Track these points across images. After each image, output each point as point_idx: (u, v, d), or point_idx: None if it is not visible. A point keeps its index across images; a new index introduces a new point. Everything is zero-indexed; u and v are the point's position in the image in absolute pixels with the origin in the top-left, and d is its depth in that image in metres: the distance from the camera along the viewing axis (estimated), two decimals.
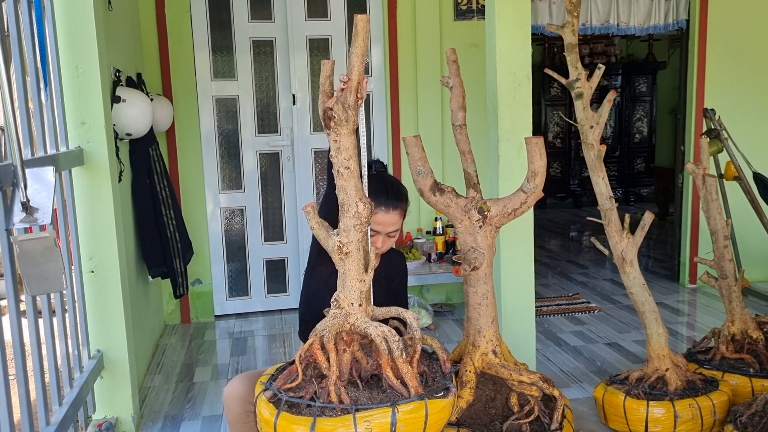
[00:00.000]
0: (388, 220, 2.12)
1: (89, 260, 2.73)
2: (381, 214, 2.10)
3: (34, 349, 2.13)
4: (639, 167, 9.37)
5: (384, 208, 2.11)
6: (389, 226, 2.13)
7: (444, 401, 1.76)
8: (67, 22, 2.61)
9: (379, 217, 2.10)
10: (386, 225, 2.12)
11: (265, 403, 1.72)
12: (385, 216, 2.11)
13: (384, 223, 2.11)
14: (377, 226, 2.11)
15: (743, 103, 4.82)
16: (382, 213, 2.10)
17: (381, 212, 2.10)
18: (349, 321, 1.77)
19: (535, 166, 2.22)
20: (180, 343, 4.13)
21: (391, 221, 2.12)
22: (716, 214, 2.86)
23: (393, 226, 2.13)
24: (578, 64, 2.63)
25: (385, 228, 2.13)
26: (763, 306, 4.41)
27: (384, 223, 2.11)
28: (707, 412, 2.49)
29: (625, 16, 4.72)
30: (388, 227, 2.13)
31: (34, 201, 1.77)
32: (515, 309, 3.02)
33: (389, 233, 2.14)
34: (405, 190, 2.25)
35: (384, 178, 2.23)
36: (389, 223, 2.12)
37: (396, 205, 2.15)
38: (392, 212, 2.13)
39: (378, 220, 2.10)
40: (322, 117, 1.69)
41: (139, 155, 3.54)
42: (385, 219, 2.11)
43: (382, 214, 2.10)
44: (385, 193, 2.13)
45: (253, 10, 4.41)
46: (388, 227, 2.13)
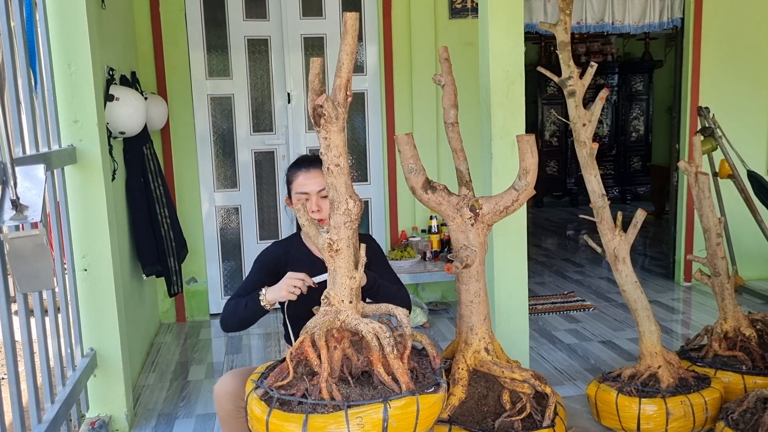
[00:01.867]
0: (310, 179, 2.18)
1: (82, 258, 2.73)
2: (301, 177, 2.19)
3: (26, 347, 2.13)
4: (635, 165, 9.38)
5: (304, 170, 2.20)
6: (313, 184, 2.17)
7: (435, 396, 1.76)
8: (60, 21, 2.61)
9: (300, 179, 2.19)
10: (309, 183, 2.17)
11: (256, 401, 1.72)
12: (306, 176, 2.18)
13: (306, 183, 2.18)
14: (302, 188, 2.18)
15: (737, 101, 4.83)
16: (303, 174, 2.19)
17: (301, 175, 2.19)
18: (339, 318, 1.78)
19: (527, 164, 2.23)
20: (175, 341, 4.13)
21: (314, 179, 2.17)
22: (709, 211, 2.87)
23: (318, 184, 2.17)
24: (571, 62, 2.63)
25: (311, 186, 2.17)
26: (757, 304, 4.41)
27: (306, 183, 2.18)
28: (699, 409, 2.50)
29: (620, 14, 4.72)
30: (313, 186, 2.17)
31: (24, 199, 1.77)
32: (509, 306, 3.02)
33: (320, 194, 2.17)
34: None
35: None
36: (313, 183, 2.17)
37: (313, 164, 2.20)
38: (312, 171, 2.19)
39: (300, 182, 2.19)
40: (311, 115, 1.69)
41: (133, 154, 3.54)
42: (307, 179, 2.18)
43: (303, 175, 2.19)
44: (300, 161, 2.25)
45: (248, 9, 4.40)
46: (313, 186, 2.17)
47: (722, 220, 2.90)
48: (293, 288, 1.97)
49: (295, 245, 2.28)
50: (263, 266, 2.23)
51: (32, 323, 2.25)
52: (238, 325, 2.13)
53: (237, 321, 2.11)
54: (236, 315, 2.09)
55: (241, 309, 2.08)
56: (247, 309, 2.06)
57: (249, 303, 2.06)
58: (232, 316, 2.11)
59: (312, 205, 2.17)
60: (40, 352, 2.31)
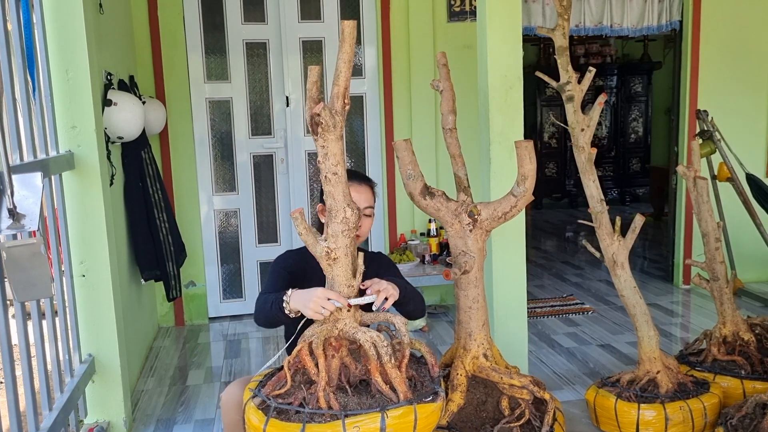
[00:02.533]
0: (360, 192, 2.16)
1: (80, 264, 2.73)
2: (352, 190, 2.08)
3: (24, 353, 2.13)
4: (635, 167, 9.38)
5: (356, 183, 2.17)
6: (362, 200, 2.15)
7: (433, 405, 1.76)
8: (57, 26, 2.60)
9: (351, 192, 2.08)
10: (358, 199, 2.12)
11: (254, 410, 1.71)
12: (357, 189, 2.16)
13: (357, 199, 2.09)
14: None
15: (736, 104, 4.83)
16: (353, 187, 2.11)
17: (352, 187, 2.08)
18: (337, 326, 1.78)
19: (525, 170, 2.23)
20: (173, 345, 4.12)
21: (363, 194, 2.17)
22: (707, 216, 2.86)
23: (366, 201, 2.16)
24: (569, 67, 2.63)
25: (359, 201, 2.10)
26: (756, 307, 4.41)
27: (357, 199, 2.09)
28: (698, 415, 2.50)
29: (619, 17, 4.72)
30: (362, 202, 2.14)
31: (21, 207, 1.76)
32: (507, 312, 3.01)
33: (364, 211, 2.15)
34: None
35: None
36: (362, 198, 2.15)
37: (365, 181, 2.21)
38: (363, 186, 2.18)
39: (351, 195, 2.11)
40: (309, 123, 1.69)
41: (131, 158, 3.53)
42: (356, 192, 2.14)
43: (353, 188, 2.11)
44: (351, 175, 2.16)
45: (247, 12, 4.40)
46: (362, 202, 2.14)
47: (721, 225, 2.90)
48: (321, 309, 1.78)
49: (310, 260, 2.08)
50: (285, 267, 2.17)
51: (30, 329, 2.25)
52: (267, 324, 2.04)
53: (264, 319, 2.03)
54: (263, 313, 2.01)
55: (267, 308, 1.98)
56: (273, 310, 1.95)
57: (274, 304, 1.95)
58: (260, 313, 2.03)
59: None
60: (38, 358, 2.30)
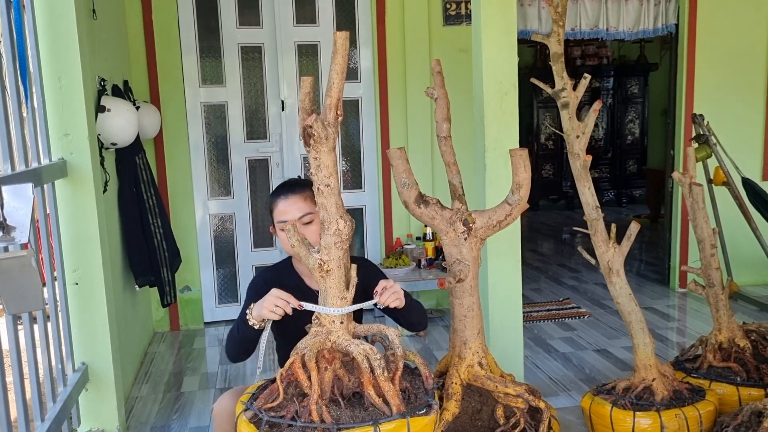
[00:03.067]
0: (289, 206, 2.08)
1: (73, 272, 2.71)
2: (281, 205, 2.09)
3: (15, 362, 2.12)
4: (631, 169, 9.39)
5: (282, 197, 2.10)
6: (294, 211, 2.07)
7: (426, 419, 1.75)
8: (50, 33, 2.59)
9: (279, 207, 2.09)
10: (290, 211, 2.07)
11: (245, 423, 1.70)
12: (286, 203, 2.08)
13: (286, 210, 2.07)
14: (283, 216, 2.08)
15: (732, 108, 4.83)
16: (282, 202, 2.09)
17: (280, 202, 2.10)
18: (330, 339, 1.76)
19: (520, 179, 2.22)
20: (168, 351, 4.11)
21: (293, 206, 2.07)
22: (703, 222, 2.86)
23: (298, 211, 2.07)
24: (564, 74, 2.62)
25: (291, 213, 2.07)
26: (753, 310, 4.41)
27: (286, 210, 2.07)
28: (694, 423, 2.49)
29: (615, 20, 4.71)
30: (294, 212, 2.07)
31: (11, 219, 1.75)
32: (503, 319, 3.01)
33: (302, 220, 2.07)
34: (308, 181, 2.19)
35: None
36: (293, 209, 2.07)
37: (292, 190, 2.11)
38: (291, 197, 2.09)
39: (280, 210, 2.09)
40: (302, 134, 1.68)
41: (125, 164, 3.52)
42: (287, 206, 2.08)
43: (282, 203, 2.09)
44: (279, 187, 2.16)
45: (242, 16, 4.39)
46: (294, 212, 2.07)
47: (716, 231, 2.89)
48: (274, 306, 1.85)
49: (285, 273, 2.19)
50: (261, 292, 2.15)
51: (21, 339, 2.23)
52: (239, 352, 2.04)
53: (236, 347, 2.03)
54: (234, 341, 2.03)
55: (235, 333, 2.02)
56: (240, 331, 1.99)
57: (239, 324, 2.00)
58: (231, 343, 2.05)
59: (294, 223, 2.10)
60: (29, 367, 2.29)
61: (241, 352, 2.05)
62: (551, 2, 2.59)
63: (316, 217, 2.06)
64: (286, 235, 2.01)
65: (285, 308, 1.85)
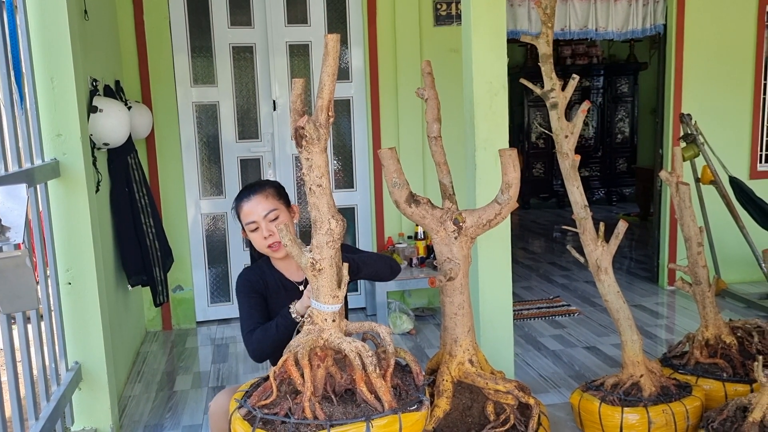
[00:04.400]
0: (253, 207, 2.14)
1: (66, 272, 2.72)
2: (245, 207, 2.15)
3: (9, 363, 2.13)
4: (621, 167, 9.45)
5: (245, 200, 2.16)
6: (259, 210, 2.13)
7: (417, 414, 1.78)
8: (42, 34, 2.60)
9: (244, 210, 2.15)
10: (254, 211, 2.13)
11: (240, 420, 1.73)
12: (249, 204, 2.14)
13: (251, 212, 2.14)
14: (249, 218, 2.14)
15: (720, 107, 4.89)
16: (245, 204, 2.15)
17: (244, 205, 2.15)
18: (323, 337, 1.79)
19: (509, 178, 2.25)
20: (161, 350, 4.12)
21: (257, 206, 2.14)
22: (690, 221, 2.90)
23: (263, 209, 2.13)
24: (553, 75, 2.65)
25: (256, 214, 2.13)
26: (740, 307, 4.47)
27: (251, 212, 2.14)
28: (680, 418, 2.53)
29: (604, 21, 4.76)
30: (259, 211, 2.13)
31: (6, 220, 1.76)
32: (493, 317, 3.04)
33: (267, 218, 2.13)
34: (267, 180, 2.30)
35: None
36: (258, 209, 2.13)
37: (253, 191, 2.17)
38: (254, 197, 2.15)
39: (245, 213, 2.15)
40: (293, 135, 1.70)
41: (117, 164, 3.53)
42: (250, 208, 2.14)
43: (245, 205, 2.15)
44: (240, 192, 2.22)
45: (233, 16, 4.40)
46: (259, 211, 2.13)
47: (703, 230, 2.93)
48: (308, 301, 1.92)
49: (268, 272, 2.23)
50: (249, 291, 2.18)
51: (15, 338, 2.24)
52: (273, 350, 2.05)
53: (271, 345, 2.05)
54: (269, 340, 2.04)
55: (272, 332, 2.03)
56: (280, 329, 2.01)
57: (281, 322, 2.01)
58: (264, 343, 2.05)
59: (263, 231, 2.13)
60: (23, 367, 2.30)
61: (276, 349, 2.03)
62: (540, 4, 2.62)
63: (281, 212, 2.15)
64: (256, 236, 2.13)
65: None
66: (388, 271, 2.22)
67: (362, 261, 2.09)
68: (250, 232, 2.16)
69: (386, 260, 2.23)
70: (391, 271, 2.23)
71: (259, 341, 2.07)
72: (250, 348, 2.09)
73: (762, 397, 2.30)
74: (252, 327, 2.11)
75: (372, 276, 2.18)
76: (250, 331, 2.10)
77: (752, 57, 4.91)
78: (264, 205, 2.13)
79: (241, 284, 2.20)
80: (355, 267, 2.03)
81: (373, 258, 2.20)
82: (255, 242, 2.17)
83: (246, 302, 2.17)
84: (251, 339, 2.08)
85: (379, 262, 2.20)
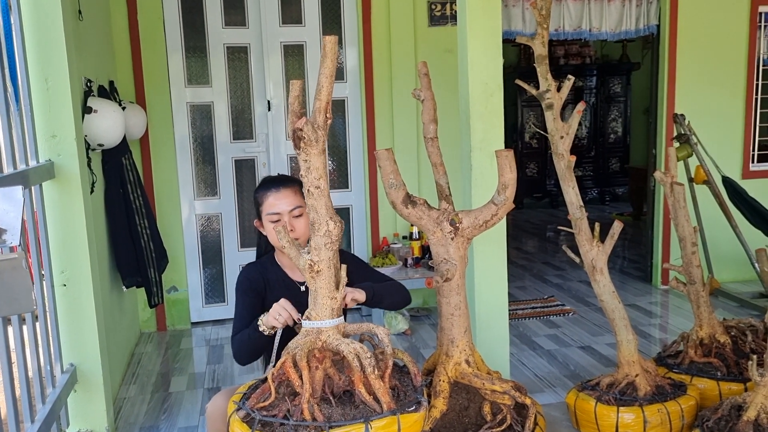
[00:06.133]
0: (280, 199, 2.16)
1: (61, 274, 2.71)
2: (272, 198, 2.16)
3: (5, 366, 2.12)
4: (614, 167, 9.49)
5: (274, 190, 2.17)
6: (285, 204, 2.15)
7: (416, 415, 1.78)
8: (36, 35, 2.59)
9: (270, 200, 2.16)
10: (280, 203, 2.15)
11: (238, 423, 1.72)
12: (277, 196, 2.16)
13: (276, 203, 2.15)
14: (273, 208, 2.15)
15: (713, 107, 4.91)
16: (273, 195, 2.16)
17: (271, 195, 2.16)
18: (321, 338, 1.79)
19: (506, 179, 2.25)
20: (156, 351, 4.11)
21: (285, 199, 2.15)
22: (684, 221, 2.92)
23: (288, 204, 2.15)
24: (548, 76, 2.66)
25: (282, 206, 2.15)
26: (733, 306, 4.50)
27: (276, 203, 2.15)
28: (676, 417, 2.54)
29: (597, 21, 4.77)
30: (284, 205, 2.15)
31: (2, 222, 1.75)
32: (489, 317, 3.05)
33: (292, 213, 2.15)
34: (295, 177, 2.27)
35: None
36: (284, 202, 2.15)
37: (283, 184, 2.19)
38: (283, 190, 2.17)
39: (270, 203, 2.16)
40: (291, 137, 1.70)
41: (111, 165, 3.51)
42: (277, 199, 2.16)
43: (273, 195, 2.16)
44: (268, 181, 2.23)
45: (227, 16, 4.39)
46: (284, 205, 2.15)
47: (697, 229, 2.95)
48: (277, 315, 1.95)
49: (270, 269, 2.25)
50: (247, 289, 2.20)
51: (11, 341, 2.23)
52: (251, 357, 2.11)
53: (248, 353, 2.10)
54: (245, 348, 2.09)
55: (245, 341, 2.07)
56: (251, 339, 2.05)
57: (251, 334, 2.05)
58: (242, 350, 2.10)
59: (287, 225, 2.14)
60: (19, 369, 2.29)
61: (252, 356, 2.11)
62: (536, 5, 2.63)
63: (305, 210, 2.13)
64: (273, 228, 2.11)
65: (287, 319, 1.96)
66: (404, 304, 2.30)
67: (381, 293, 2.15)
68: (269, 222, 2.16)
69: (403, 293, 2.28)
70: (405, 303, 2.31)
71: (237, 346, 2.12)
72: (233, 350, 2.15)
73: (756, 395, 2.32)
74: (239, 329, 2.15)
75: (389, 307, 2.25)
76: (235, 333, 2.15)
77: (744, 57, 4.94)
78: (292, 200, 2.16)
79: (241, 281, 2.22)
80: (378, 298, 2.12)
81: (392, 291, 2.24)
82: (270, 235, 2.18)
83: (240, 302, 2.19)
84: (234, 342, 2.14)
85: (397, 295, 2.25)
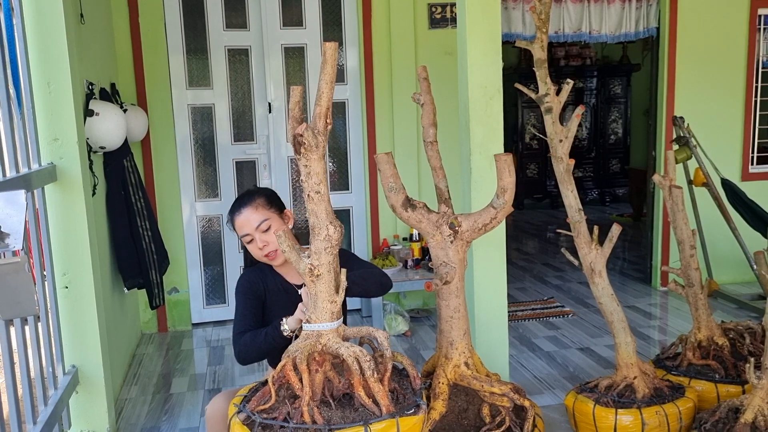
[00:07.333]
0: (244, 221, 2.17)
1: (63, 276, 2.73)
2: (237, 222, 2.19)
3: (7, 368, 2.13)
4: (614, 168, 9.50)
5: (237, 214, 2.19)
6: (252, 221, 2.16)
7: (415, 418, 1.80)
8: (39, 39, 2.60)
9: (237, 224, 2.19)
10: (245, 225, 2.17)
11: (239, 425, 1.74)
12: (240, 219, 2.18)
13: (243, 226, 2.18)
14: (242, 231, 2.18)
15: (712, 110, 4.92)
16: (237, 219, 2.19)
17: (236, 220, 2.19)
18: (321, 341, 1.81)
19: (505, 183, 2.27)
20: (157, 352, 4.13)
21: (248, 219, 2.17)
22: (682, 224, 2.93)
23: (255, 221, 2.16)
24: (548, 80, 2.68)
25: (249, 226, 2.16)
26: (731, 308, 4.51)
27: (243, 226, 2.18)
28: (673, 419, 2.56)
29: (597, 23, 4.78)
30: (252, 223, 2.16)
31: (5, 226, 1.77)
32: (488, 320, 3.06)
33: (260, 229, 2.16)
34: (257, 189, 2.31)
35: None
36: (250, 221, 2.16)
37: (242, 204, 2.20)
38: (244, 211, 2.18)
39: (239, 227, 2.19)
40: (292, 143, 1.71)
41: (113, 167, 3.53)
42: (242, 222, 2.18)
43: (237, 220, 2.19)
44: (231, 207, 2.24)
45: (228, 19, 4.41)
46: (252, 223, 2.16)
47: (696, 232, 2.97)
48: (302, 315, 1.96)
49: (269, 274, 2.27)
50: (248, 291, 2.21)
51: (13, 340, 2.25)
52: (259, 357, 2.12)
53: (257, 352, 2.10)
54: (256, 346, 2.08)
55: (260, 340, 2.07)
56: (268, 339, 2.05)
57: (270, 333, 2.05)
58: (250, 349, 2.09)
59: (258, 242, 2.16)
60: (21, 372, 2.31)
61: (261, 356, 2.13)
62: (535, 9, 2.64)
63: (272, 221, 2.18)
64: (252, 247, 2.17)
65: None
66: (379, 290, 2.23)
67: (352, 281, 2.10)
68: (246, 243, 2.20)
69: (377, 278, 2.21)
70: (381, 289, 2.24)
71: (246, 345, 2.11)
72: (237, 349, 2.14)
73: (754, 398, 2.33)
74: (243, 329, 2.15)
75: (361, 295, 2.19)
76: (240, 332, 2.15)
77: (744, 60, 4.95)
78: (255, 217, 2.17)
79: (241, 284, 2.24)
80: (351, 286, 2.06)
81: (364, 276, 2.18)
82: (252, 252, 2.21)
83: (242, 303, 2.20)
84: (239, 341, 2.13)
85: (370, 280, 2.19)
